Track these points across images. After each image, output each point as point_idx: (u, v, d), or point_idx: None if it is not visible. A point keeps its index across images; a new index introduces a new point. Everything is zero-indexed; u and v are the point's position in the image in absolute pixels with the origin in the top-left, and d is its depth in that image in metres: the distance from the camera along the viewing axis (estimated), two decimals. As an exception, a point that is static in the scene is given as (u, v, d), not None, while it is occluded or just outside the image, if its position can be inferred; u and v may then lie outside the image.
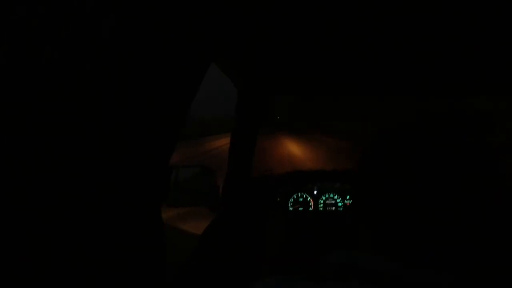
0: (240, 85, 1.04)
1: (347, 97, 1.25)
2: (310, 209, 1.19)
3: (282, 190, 1.20)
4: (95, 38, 0.28)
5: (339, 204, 1.19)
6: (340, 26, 0.57)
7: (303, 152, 9.50)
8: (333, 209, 1.19)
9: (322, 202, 1.20)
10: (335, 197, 1.19)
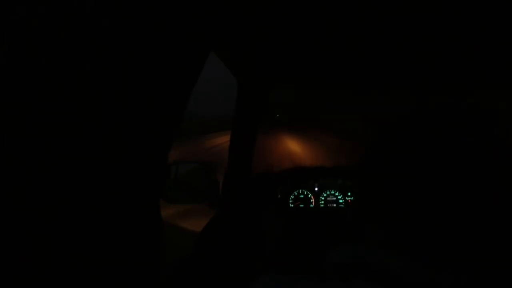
0: (241, 76, 1.03)
1: (346, 90, 1.24)
2: (311, 206, 1.19)
3: (283, 187, 1.20)
4: (95, 38, 0.28)
5: (340, 201, 1.18)
6: (342, 18, 0.57)
7: (303, 150, 9.50)
8: (334, 206, 1.18)
9: (323, 199, 1.19)
10: (336, 194, 1.19)
